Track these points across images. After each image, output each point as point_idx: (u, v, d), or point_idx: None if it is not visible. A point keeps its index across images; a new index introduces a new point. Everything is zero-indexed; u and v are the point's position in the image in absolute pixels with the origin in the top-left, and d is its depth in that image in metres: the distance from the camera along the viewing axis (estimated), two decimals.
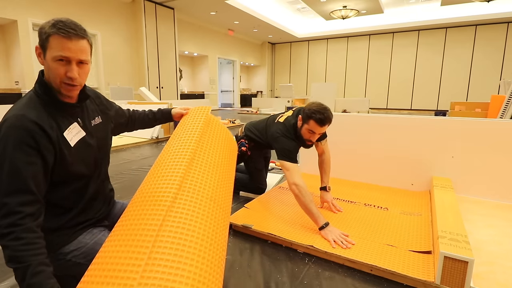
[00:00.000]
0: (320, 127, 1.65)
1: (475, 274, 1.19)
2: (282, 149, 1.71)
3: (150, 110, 1.38)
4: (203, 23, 10.74)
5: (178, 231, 0.74)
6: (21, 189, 0.80)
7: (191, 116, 1.18)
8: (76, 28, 0.87)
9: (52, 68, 0.87)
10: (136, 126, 1.35)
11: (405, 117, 2.25)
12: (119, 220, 0.87)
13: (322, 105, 1.66)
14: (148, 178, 0.95)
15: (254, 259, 1.37)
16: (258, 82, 15.53)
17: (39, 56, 0.90)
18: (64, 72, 0.88)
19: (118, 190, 2.35)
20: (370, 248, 1.39)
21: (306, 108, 1.69)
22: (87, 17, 7.01)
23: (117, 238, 0.77)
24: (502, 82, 6.73)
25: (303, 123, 1.70)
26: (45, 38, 0.86)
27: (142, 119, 1.35)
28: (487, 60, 10.76)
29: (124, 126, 1.29)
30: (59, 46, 0.85)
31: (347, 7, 9.47)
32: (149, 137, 4.68)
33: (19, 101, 0.91)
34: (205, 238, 0.77)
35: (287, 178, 1.64)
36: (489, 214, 1.81)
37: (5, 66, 6.24)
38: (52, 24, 0.86)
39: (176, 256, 0.69)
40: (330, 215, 1.77)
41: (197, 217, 0.80)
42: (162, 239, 0.71)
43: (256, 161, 2.15)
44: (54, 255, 0.99)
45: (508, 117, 4.93)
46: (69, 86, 0.90)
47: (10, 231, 0.76)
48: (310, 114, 1.64)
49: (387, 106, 12.77)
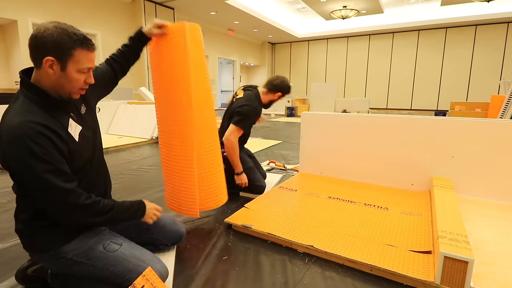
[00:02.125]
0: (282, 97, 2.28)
1: (475, 274, 1.19)
2: (240, 120, 2.04)
3: (123, 44, 1.31)
4: (203, 23, 10.74)
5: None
6: (65, 172, 0.91)
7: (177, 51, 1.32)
8: (91, 40, 0.96)
9: (74, 79, 0.93)
10: (123, 66, 1.30)
11: (405, 117, 2.25)
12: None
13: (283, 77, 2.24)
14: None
15: (254, 259, 1.37)
16: (258, 82, 15.49)
17: (49, 67, 0.89)
18: (84, 80, 0.96)
19: (118, 190, 2.35)
20: (370, 248, 1.39)
21: (271, 83, 2.21)
22: (87, 17, 7.02)
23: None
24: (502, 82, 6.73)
25: (271, 92, 2.21)
26: (68, 51, 0.89)
27: (123, 56, 1.30)
28: (487, 60, 10.76)
29: (113, 78, 1.27)
30: (86, 58, 0.93)
31: (347, 7, 9.47)
32: (149, 137, 4.68)
33: (12, 109, 0.90)
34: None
35: (226, 135, 2.02)
36: (489, 214, 1.81)
37: (5, 66, 6.24)
38: (75, 40, 0.90)
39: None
40: (330, 215, 1.77)
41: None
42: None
43: (242, 161, 2.17)
44: (55, 253, 1.00)
45: (508, 117, 4.93)
46: (82, 91, 0.99)
47: (88, 203, 0.95)
48: (278, 86, 2.19)
49: (387, 106, 12.77)
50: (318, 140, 2.59)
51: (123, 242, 1.09)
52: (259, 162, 2.51)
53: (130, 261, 1.04)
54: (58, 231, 1.00)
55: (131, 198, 2.17)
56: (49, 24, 0.89)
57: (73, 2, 6.73)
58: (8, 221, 1.77)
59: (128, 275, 1.02)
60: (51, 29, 0.88)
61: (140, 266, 1.03)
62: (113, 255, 1.03)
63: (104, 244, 1.05)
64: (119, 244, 1.07)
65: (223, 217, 1.78)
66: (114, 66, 1.27)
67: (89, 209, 0.96)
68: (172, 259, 1.34)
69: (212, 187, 1.52)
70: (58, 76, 0.91)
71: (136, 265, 1.04)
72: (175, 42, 1.31)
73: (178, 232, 1.35)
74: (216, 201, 1.56)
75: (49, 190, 0.88)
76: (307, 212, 1.79)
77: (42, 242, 0.99)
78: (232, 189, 2.27)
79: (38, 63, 0.90)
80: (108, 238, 1.08)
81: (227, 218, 1.70)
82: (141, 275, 0.97)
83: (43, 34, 0.87)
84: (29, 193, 0.93)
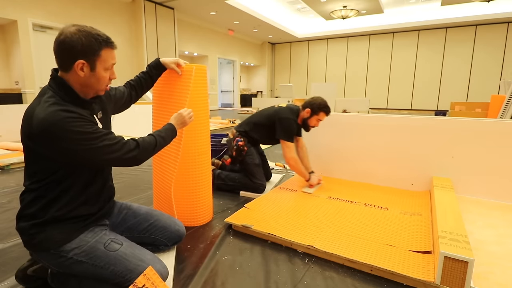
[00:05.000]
0: (326, 117, 2.20)
1: (475, 274, 1.19)
2: (287, 131, 2.17)
3: (141, 72, 1.49)
4: (203, 23, 10.74)
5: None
6: (110, 133, 1.03)
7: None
8: (111, 38, 1.02)
9: (102, 77, 1.00)
10: (138, 93, 1.45)
11: (405, 117, 2.25)
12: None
13: (324, 100, 2.19)
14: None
15: (254, 259, 1.37)
16: (258, 82, 15.53)
17: (80, 70, 0.95)
18: (108, 77, 1.03)
19: (118, 190, 2.34)
20: (370, 248, 1.39)
21: (315, 102, 2.16)
22: (87, 17, 7.02)
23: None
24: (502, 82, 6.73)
25: (313, 113, 2.17)
26: (97, 53, 0.96)
27: (140, 84, 1.45)
28: (487, 60, 10.76)
29: (128, 101, 1.39)
30: (110, 56, 1.01)
31: (347, 7, 9.47)
32: None
33: (42, 101, 0.94)
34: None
35: (287, 153, 2.15)
36: (489, 214, 1.81)
37: (5, 66, 6.24)
38: (101, 40, 0.96)
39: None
40: (330, 215, 1.77)
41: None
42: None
43: (253, 156, 2.22)
44: (56, 252, 1.00)
45: (508, 117, 4.93)
46: (107, 87, 1.07)
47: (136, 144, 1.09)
48: (321, 107, 2.15)
49: (387, 106, 12.77)
50: (318, 140, 2.59)
51: (124, 242, 1.09)
52: (268, 162, 2.55)
53: (130, 261, 1.04)
54: (59, 230, 1.00)
55: (131, 198, 2.18)
56: (71, 28, 0.94)
57: (73, 2, 6.72)
58: (8, 221, 1.77)
59: (128, 275, 1.02)
60: (77, 34, 0.93)
61: (141, 266, 1.03)
62: (114, 254, 1.03)
63: (105, 244, 1.05)
64: (120, 244, 1.07)
65: (223, 217, 1.78)
66: (131, 92, 1.40)
67: (144, 150, 1.10)
68: (172, 259, 1.34)
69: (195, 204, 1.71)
70: (88, 77, 0.98)
71: (137, 265, 1.04)
72: (184, 80, 1.56)
73: (178, 232, 1.35)
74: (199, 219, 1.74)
75: (109, 154, 0.99)
76: (307, 212, 1.79)
77: (43, 240, 0.99)
78: (232, 189, 2.28)
79: (67, 67, 0.95)
80: (109, 237, 1.08)
81: (227, 218, 1.70)
82: (142, 274, 0.97)
83: (71, 39, 0.92)
84: (91, 164, 1.03)
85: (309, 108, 2.17)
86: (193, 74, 1.55)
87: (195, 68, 1.55)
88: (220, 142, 2.82)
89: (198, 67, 1.58)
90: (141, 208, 1.34)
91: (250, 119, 2.33)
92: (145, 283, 0.94)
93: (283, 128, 2.16)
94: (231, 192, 2.27)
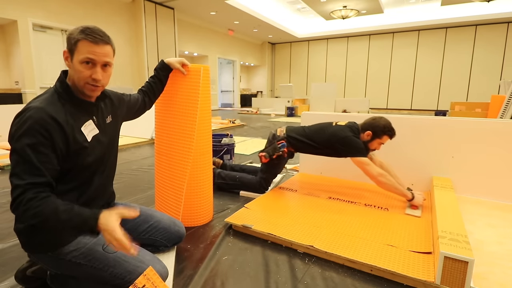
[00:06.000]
0: (390, 140, 1.98)
1: (475, 274, 1.19)
2: (357, 148, 1.93)
3: (150, 77, 1.51)
4: (203, 23, 10.74)
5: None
6: (33, 173, 0.87)
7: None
8: (102, 35, 0.98)
9: (78, 71, 0.96)
10: (151, 99, 1.47)
11: (405, 117, 2.25)
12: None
13: (388, 121, 1.96)
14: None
15: (254, 259, 1.37)
16: (258, 82, 15.53)
17: (66, 59, 0.98)
18: (90, 75, 0.97)
19: (118, 190, 2.35)
20: (370, 248, 1.38)
21: (378, 124, 1.95)
22: (87, 17, 7.02)
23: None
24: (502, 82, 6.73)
25: (375, 137, 1.96)
26: (74, 43, 0.95)
27: (151, 89, 1.47)
28: (487, 60, 10.76)
29: (142, 108, 1.41)
30: (86, 50, 0.95)
31: (347, 7, 9.47)
32: (149, 137, 4.68)
33: (41, 95, 0.98)
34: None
35: (370, 172, 1.88)
36: (489, 214, 1.81)
37: (5, 66, 6.23)
38: (80, 31, 0.95)
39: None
40: (330, 215, 1.77)
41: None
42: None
43: (280, 167, 2.20)
44: (53, 254, 1.00)
45: (508, 117, 4.93)
46: (92, 87, 0.99)
47: (31, 201, 0.86)
48: (385, 130, 1.93)
49: (387, 106, 12.78)
50: None
51: None
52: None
53: (129, 263, 1.04)
54: (57, 232, 1.00)
55: (131, 198, 2.18)
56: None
57: (73, 2, 6.72)
58: (8, 221, 1.77)
59: (127, 277, 1.02)
60: (75, 28, 0.96)
61: (140, 267, 1.03)
62: (113, 256, 1.03)
63: (103, 245, 1.04)
64: None
65: (223, 217, 1.78)
66: (145, 98, 1.42)
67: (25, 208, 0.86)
68: (172, 259, 1.34)
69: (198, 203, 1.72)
70: (71, 68, 0.98)
71: (136, 266, 1.03)
72: (191, 81, 1.56)
73: (178, 233, 1.35)
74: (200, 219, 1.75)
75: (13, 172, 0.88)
76: (307, 212, 1.79)
77: (41, 242, 0.99)
78: (232, 188, 2.28)
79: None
80: None
81: (227, 218, 1.70)
82: (142, 274, 0.96)
83: (70, 32, 0.97)
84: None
85: (370, 131, 1.96)
86: (202, 75, 1.55)
87: (203, 68, 1.56)
88: (220, 142, 2.81)
89: (204, 67, 1.58)
90: (140, 209, 1.34)
91: (306, 130, 2.14)
92: (145, 283, 0.94)
93: (352, 146, 1.94)
94: (231, 192, 2.27)
